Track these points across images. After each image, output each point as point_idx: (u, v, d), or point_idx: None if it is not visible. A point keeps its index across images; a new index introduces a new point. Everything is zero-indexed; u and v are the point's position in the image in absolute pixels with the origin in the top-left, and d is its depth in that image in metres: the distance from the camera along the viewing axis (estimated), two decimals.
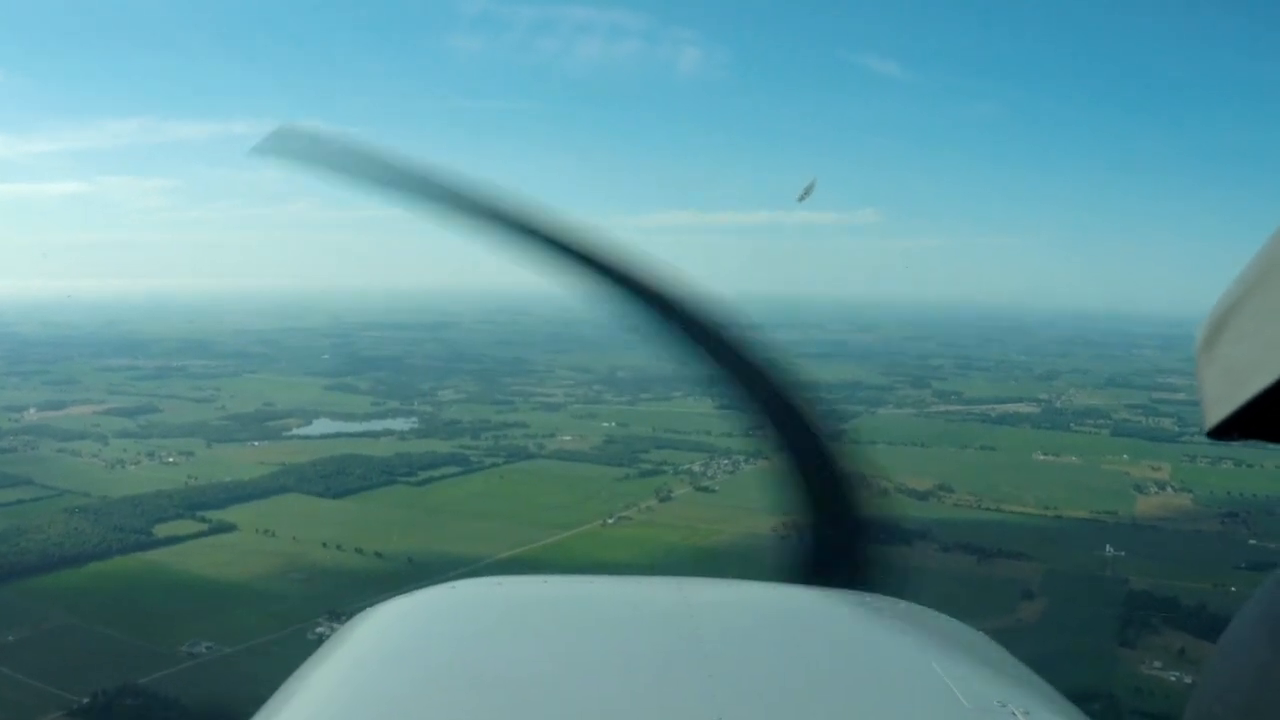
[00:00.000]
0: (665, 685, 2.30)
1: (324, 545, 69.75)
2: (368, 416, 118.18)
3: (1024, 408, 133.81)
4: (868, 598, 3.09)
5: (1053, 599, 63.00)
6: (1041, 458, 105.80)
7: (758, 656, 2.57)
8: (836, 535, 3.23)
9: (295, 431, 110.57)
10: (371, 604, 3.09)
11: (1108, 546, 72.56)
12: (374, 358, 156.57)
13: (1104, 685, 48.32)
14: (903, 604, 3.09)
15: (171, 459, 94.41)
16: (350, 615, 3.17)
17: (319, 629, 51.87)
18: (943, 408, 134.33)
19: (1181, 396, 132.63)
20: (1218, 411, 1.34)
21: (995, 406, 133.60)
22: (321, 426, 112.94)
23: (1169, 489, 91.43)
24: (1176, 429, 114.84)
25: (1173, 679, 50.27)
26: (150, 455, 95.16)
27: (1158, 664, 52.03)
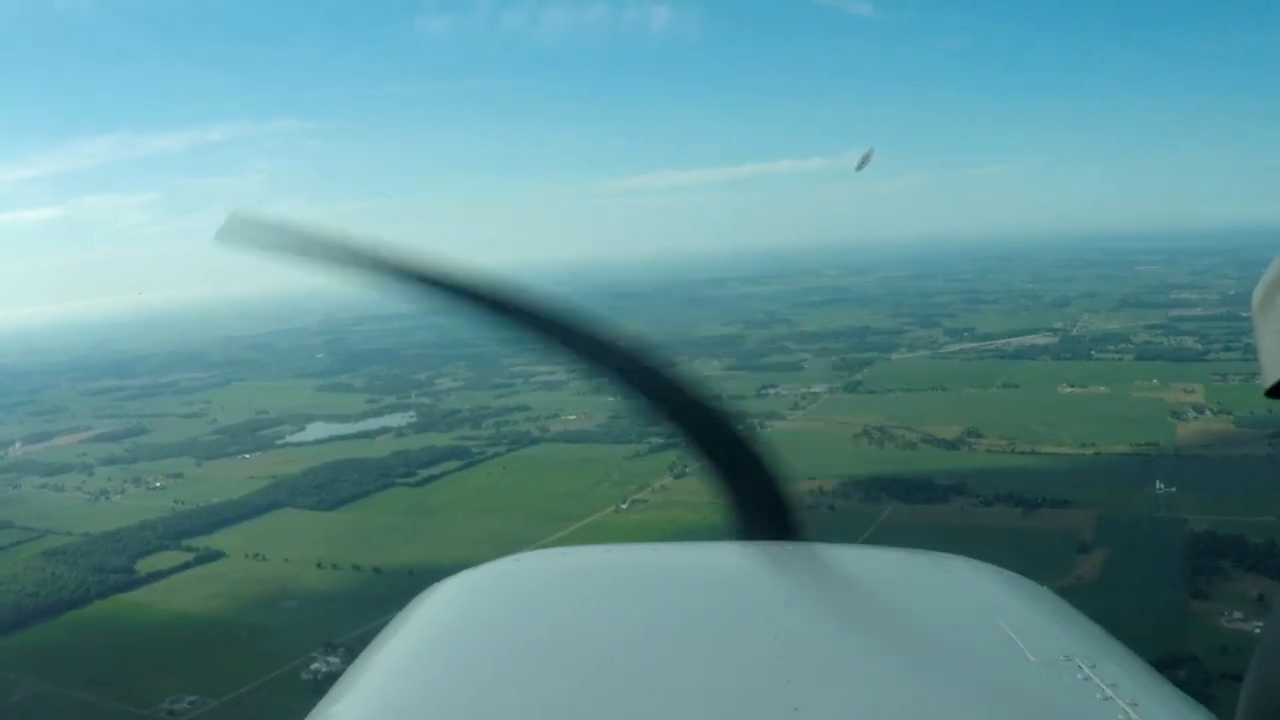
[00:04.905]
0: (734, 647, 2.34)
1: (318, 565, 65.46)
2: (363, 415, 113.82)
3: (1040, 339, 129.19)
4: (930, 555, 3.10)
5: (1111, 550, 58.05)
6: (1068, 390, 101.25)
7: (822, 616, 2.57)
8: (757, 491, 3.06)
9: (288, 439, 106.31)
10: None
11: (1157, 483, 67.73)
12: (367, 352, 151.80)
13: (1184, 647, 43.40)
14: (965, 560, 3.02)
15: (159, 483, 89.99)
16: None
17: (314, 665, 47.36)
18: (956, 346, 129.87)
19: (1199, 312, 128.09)
20: (1277, 370, 1.36)
21: (1010, 340, 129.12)
22: (315, 431, 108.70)
23: (1207, 412, 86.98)
24: (1201, 347, 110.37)
25: (1257, 631, 45.06)
26: (136, 482, 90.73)
27: (1238, 615, 47.17)
